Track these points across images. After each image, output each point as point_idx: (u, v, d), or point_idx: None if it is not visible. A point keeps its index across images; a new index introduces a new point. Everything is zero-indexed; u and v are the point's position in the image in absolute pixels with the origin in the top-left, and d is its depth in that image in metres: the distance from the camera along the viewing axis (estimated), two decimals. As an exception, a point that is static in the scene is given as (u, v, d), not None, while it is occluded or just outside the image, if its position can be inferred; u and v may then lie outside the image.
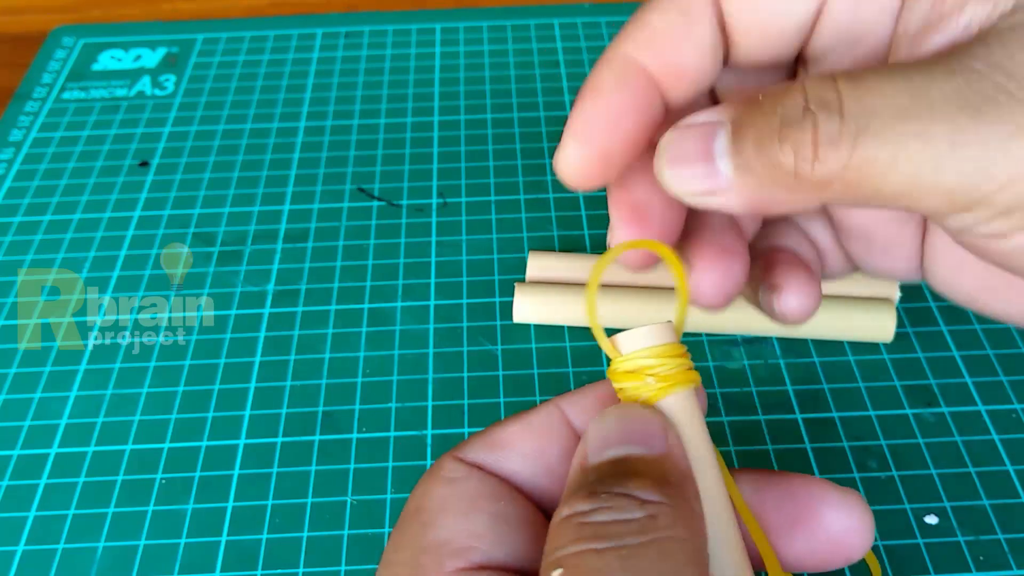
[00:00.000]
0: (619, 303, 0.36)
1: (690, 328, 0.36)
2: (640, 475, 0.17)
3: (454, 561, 0.18)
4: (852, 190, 0.17)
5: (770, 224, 0.24)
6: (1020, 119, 0.16)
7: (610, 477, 0.17)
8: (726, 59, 0.21)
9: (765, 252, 0.23)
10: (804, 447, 0.32)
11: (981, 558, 0.29)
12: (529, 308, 0.36)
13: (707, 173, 0.18)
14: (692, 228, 0.22)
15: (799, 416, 0.33)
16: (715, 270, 0.21)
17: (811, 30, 0.20)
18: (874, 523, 0.20)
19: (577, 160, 0.20)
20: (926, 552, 0.30)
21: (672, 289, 0.35)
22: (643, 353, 0.19)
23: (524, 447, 0.20)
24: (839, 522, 0.20)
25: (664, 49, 0.20)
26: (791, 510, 0.20)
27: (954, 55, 0.17)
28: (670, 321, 0.20)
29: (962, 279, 0.22)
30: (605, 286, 0.37)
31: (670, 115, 0.20)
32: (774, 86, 0.18)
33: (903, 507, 0.31)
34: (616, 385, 0.20)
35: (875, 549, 0.30)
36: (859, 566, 0.29)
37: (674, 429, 0.19)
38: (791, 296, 0.22)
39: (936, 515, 0.30)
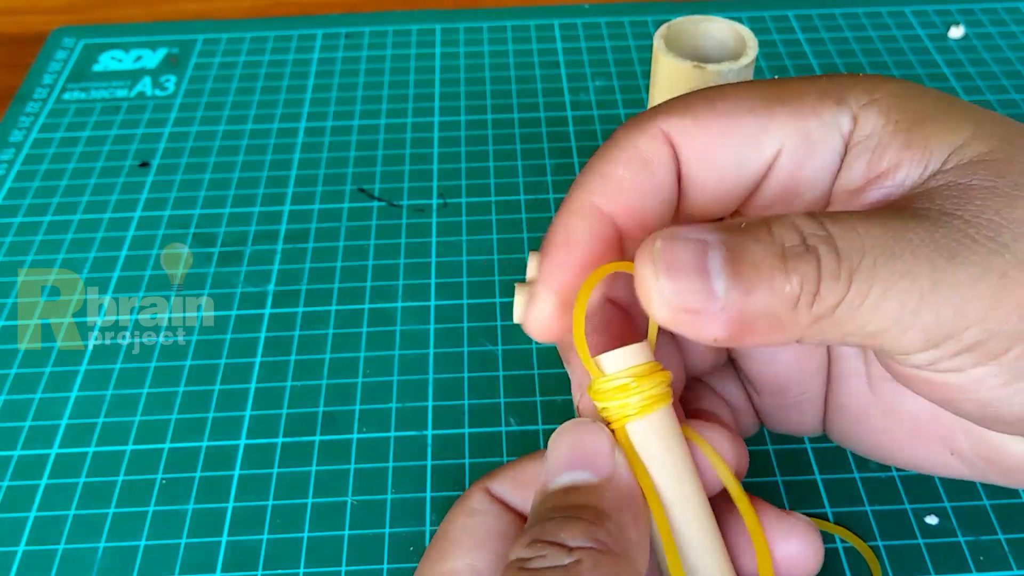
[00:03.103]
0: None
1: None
2: (575, 516, 0.19)
3: None
4: (838, 326, 0.18)
5: (687, 389, 0.25)
6: (985, 261, 0.17)
7: (552, 516, 0.19)
8: (676, 212, 0.22)
9: (688, 415, 0.24)
10: (804, 447, 0.32)
11: (981, 558, 0.29)
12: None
13: (703, 290, 0.17)
14: None
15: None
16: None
17: (758, 186, 0.21)
18: (822, 546, 0.21)
19: (553, 315, 0.21)
20: (926, 552, 0.30)
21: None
22: (624, 373, 0.20)
23: None
24: (786, 549, 0.21)
25: (629, 200, 0.20)
26: (742, 536, 0.21)
27: (909, 204, 0.18)
28: (645, 341, 0.21)
29: (865, 425, 0.24)
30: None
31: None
32: (753, 219, 0.18)
33: (903, 507, 0.31)
34: (600, 404, 0.21)
35: (875, 549, 0.30)
36: (859, 566, 0.29)
37: (624, 450, 0.20)
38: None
39: (936, 515, 0.30)
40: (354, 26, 0.55)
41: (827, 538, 0.30)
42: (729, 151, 0.20)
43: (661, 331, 0.20)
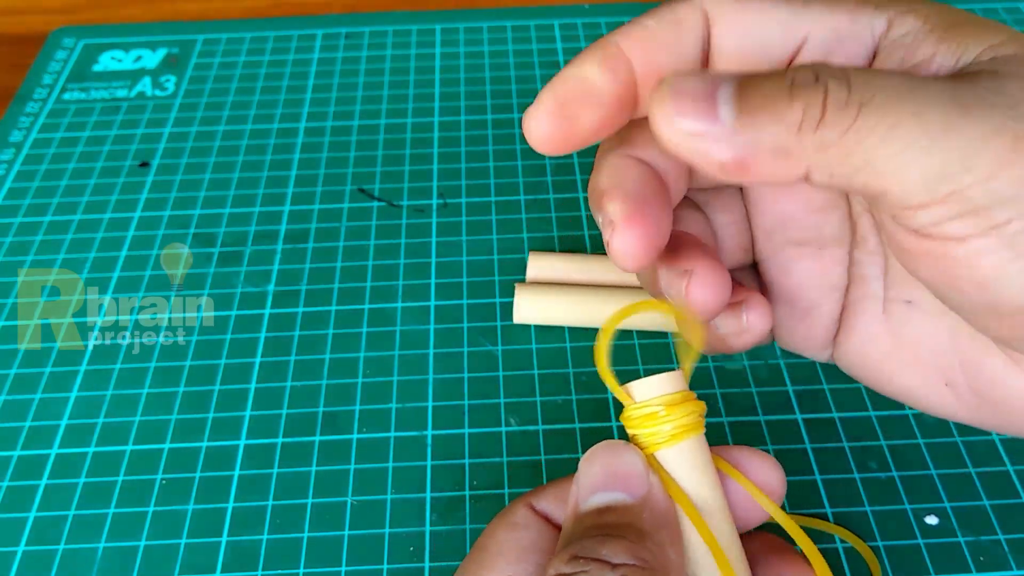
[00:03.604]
0: (616, 304, 0.36)
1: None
2: (616, 535, 0.19)
3: None
4: (843, 159, 0.18)
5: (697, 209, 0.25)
6: (1001, 124, 0.17)
7: (591, 535, 0.19)
8: None
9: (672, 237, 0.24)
10: (804, 447, 0.32)
11: (981, 558, 0.29)
12: (529, 309, 0.37)
13: (708, 113, 0.18)
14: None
15: (799, 416, 0.33)
16: (711, 284, 0.22)
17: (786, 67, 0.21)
18: (784, 477, 0.22)
19: (548, 119, 0.21)
20: (926, 552, 0.30)
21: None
22: (655, 401, 0.20)
23: None
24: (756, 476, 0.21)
25: (651, 48, 0.21)
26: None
27: (936, 75, 0.19)
28: (679, 369, 0.21)
29: (872, 349, 0.24)
30: (600, 286, 0.37)
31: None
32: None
33: (903, 507, 0.31)
34: (630, 432, 0.21)
35: (875, 549, 0.30)
36: (859, 566, 0.29)
37: (659, 472, 0.20)
38: (756, 312, 0.23)
39: (936, 515, 0.30)
40: (354, 26, 0.55)
41: (827, 538, 0.30)
42: (758, 32, 0.21)
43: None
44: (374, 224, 0.42)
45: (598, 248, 0.40)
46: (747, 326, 0.23)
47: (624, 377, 0.21)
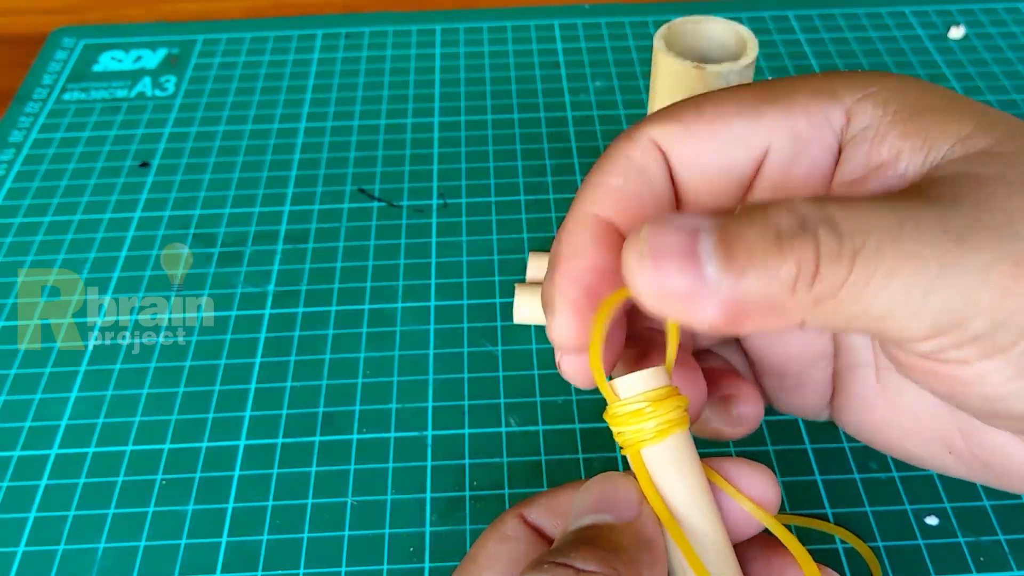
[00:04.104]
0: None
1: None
2: (590, 544, 0.18)
3: None
4: (841, 310, 0.17)
5: (700, 358, 0.25)
6: (996, 249, 0.17)
7: (567, 546, 0.19)
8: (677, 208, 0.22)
9: (705, 375, 0.24)
10: (804, 447, 0.32)
11: (981, 559, 0.29)
12: (529, 309, 0.36)
13: (692, 273, 0.17)
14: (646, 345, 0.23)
15: (799, 416, 0.33)
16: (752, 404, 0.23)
17: (749, 185, 0.21)
18: (779, 489, 0.21)
19: (575, 322, 0.20)
20: (926, 553, 0.30)
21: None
22: (639, 397, 0.20)
23: None
24: (748, 489, 0.21)
25: (628, 207, 0.21)
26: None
27: (918, 192, 0.18)
28: (661, 366, 0.20)
29: (869, 415, 0.24)
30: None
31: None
32: (751, 204, 0.18)
33: (903, 507, 0.31)
34: (615, 429, 0.20)
35: (875, 550, 0.30)
36: (859, 567, 0.29)
37: (638, 476, 0.20)
38: (746, 404, 0.23)
39: (936, 516, 0.30)
40: (354, 26, 0.55)
41: (827, 539, 0.30)
42: (717, 153, 0.21)
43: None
44: (374, 224, 0.42)
45: (598, 248, 0.40)
46: (738, 418, 0.23)
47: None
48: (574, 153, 0.45)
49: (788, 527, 0.30)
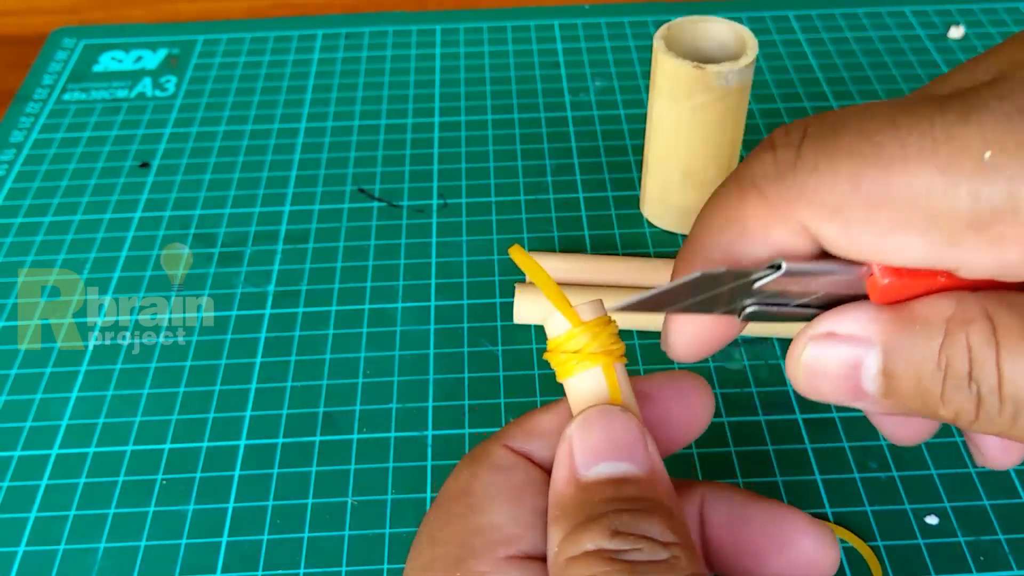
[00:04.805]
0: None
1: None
2: (647, 509, 0.18)
3: (505, 548, 0.19)
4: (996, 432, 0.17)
5: None
6: None
7: (619, 508, 0.18)
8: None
9: None
10: (804, 447, 0.32)
11: (981, 558, 0.29)
12: (529, 309, 0.37)
13: (851, 391, 0.18)
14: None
15: (799, 416, 0.33)
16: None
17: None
18: (840, 553, 0.22)
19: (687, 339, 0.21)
20: (926, 552, 0.30)
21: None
22: (606, 318, 0.21)
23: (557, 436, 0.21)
24: (813, 550, 0.22)
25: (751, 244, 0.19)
26: (775, 536, 0.22)
27: None
28: (600, 299, 0.21)
29: None
30: (601, 286, 0.37)
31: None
32: (928, 305, 0.17)
33: (903, 507, 0.31)
34: (576, 348, 0.20)
35: (875, 549, 0.30)
36: (859, 566, 0.29)
37: (645, 429, 0.20)
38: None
39: (936, 515, 0.30)
40: (354, 26, 0.55)
41: (827, 538, 0.30)
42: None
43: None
44: (374, 224, 0.42)
45: (598, 248, 0.40)
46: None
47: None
48: (574, 153, 0.45)
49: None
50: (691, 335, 0.21)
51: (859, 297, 0.18)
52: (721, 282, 0.18)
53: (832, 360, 0.18)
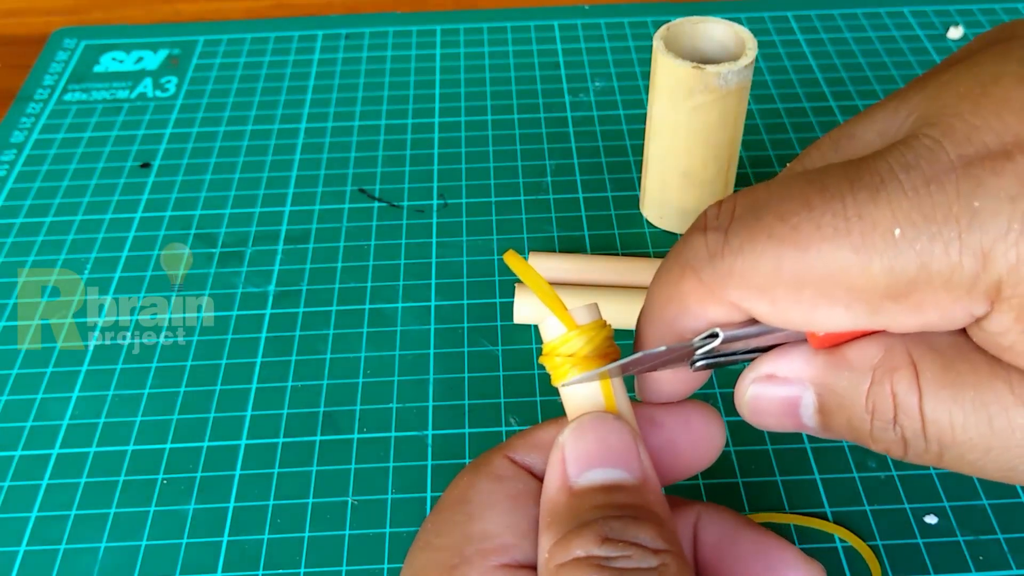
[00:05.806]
0: (616, 303, 0.36)
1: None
2: (638, 517, 0.19)
3: (498, 556, 0.19)
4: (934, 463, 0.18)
5: None
6: None
7: (609, 515, 0.19)
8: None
9: None
10: (804, 447, 0.33)
11: (981, 558, 0.29)
12: (529, 309, 0.37)
13: (793, 424, 0.20)
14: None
15: None
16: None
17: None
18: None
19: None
20: (926, 552, 0.30)
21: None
22: (602, 321, 0.21)
23: None
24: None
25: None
26: (764, 563, 0.22)
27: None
28: (595, 303, 0.21)
29: None
30: (600, 286, 0.37)
31: None
32: (857, 350, 0.18)
33: (903, 507, 0.31)
34: (571, 351, 0.21)
35: (875, 549, 0.30)
36: (859, 566, 0.29)
37: (639, 437, 0.21)
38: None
39: (936, 515, 0.30)
40: (354, 27, 0.55)
41: (827, 538, 0.30)
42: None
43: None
44: (374, 224, 0.42)
45: (598, 248, 0.40)
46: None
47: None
48: (574, 153, 0.45)
49: (787, 526, 0.30)
50: (661, 389, 0.22)
51: (800, 337, 0.20)
52: (666, 354, 0.20)
53: (773, 399, 0.20)
